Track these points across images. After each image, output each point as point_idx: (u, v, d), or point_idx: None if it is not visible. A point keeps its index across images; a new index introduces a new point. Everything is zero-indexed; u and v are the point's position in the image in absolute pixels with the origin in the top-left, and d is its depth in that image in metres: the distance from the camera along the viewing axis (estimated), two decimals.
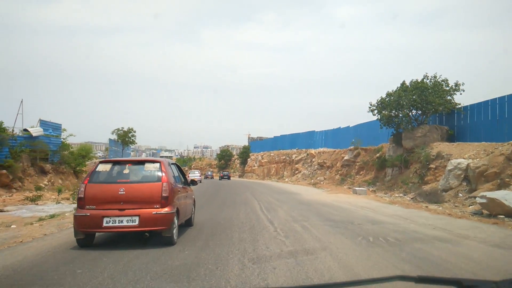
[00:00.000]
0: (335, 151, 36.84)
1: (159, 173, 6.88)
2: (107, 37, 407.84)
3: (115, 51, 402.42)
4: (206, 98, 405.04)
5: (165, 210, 6.61)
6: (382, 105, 23.36)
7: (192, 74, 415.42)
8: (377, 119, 24.42)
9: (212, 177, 61.10)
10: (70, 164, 25.19)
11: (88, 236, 6.71)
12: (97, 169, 6.92)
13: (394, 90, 23.19)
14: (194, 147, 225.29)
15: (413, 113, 22.89)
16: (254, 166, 62.25)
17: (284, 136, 59.50)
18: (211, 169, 77.74)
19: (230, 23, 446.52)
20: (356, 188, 22.02)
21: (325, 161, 37.37)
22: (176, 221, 6.96)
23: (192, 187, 9.53)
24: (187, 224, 8.82)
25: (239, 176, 67.46)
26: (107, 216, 6.42)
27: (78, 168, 26.17)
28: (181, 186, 7.93)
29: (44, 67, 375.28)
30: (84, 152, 28.15)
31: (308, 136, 49.69)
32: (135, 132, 41.59)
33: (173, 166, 7.95)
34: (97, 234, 7.07)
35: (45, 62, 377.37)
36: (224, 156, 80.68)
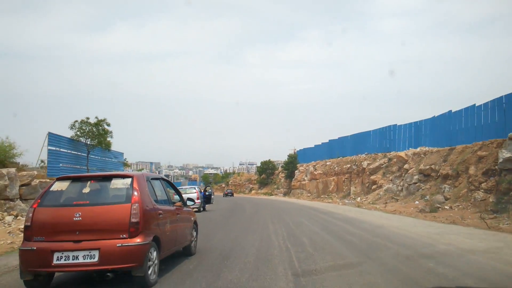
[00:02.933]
0: (456, 148, 20.44)
1: (130, 192, 5.37)
2: (155, 63, 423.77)
3: (163, 75, 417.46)
4: (251, 116, 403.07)
5: (136, 241, 5.08)
6: None
7: (237, 93, 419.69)
8: None
9: (232, 195, 57.17)
10: None
11: (40, 277, 5.15)
12: (51, 188, 5.52)
13: None
14: (240, 164, 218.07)
15: None
16: (304, 180, 46.53)
17: (344, 139, 43.30)
18: (230, 188, 68.83)
19: (273, 42, 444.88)
20: None
21: (433, 166, 21.03)
22: (153, 255, 5.42)
23: None
24: (186, 253, 7.39)
25: (285, 194, 51.89)
26: (58, 251, 4.99)
27: None
28: (168, 207, 6.42)
29: (100, 93, 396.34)
30: None
31: (383, 134, 33.44)
32: (109, 125, 22.77)
33: (156, 182, 6.39)
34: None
35: (100, 88, 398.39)
36: (266, 170, 65.65)
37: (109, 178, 5.69)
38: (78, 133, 21.53)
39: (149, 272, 5.25)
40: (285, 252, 7.66)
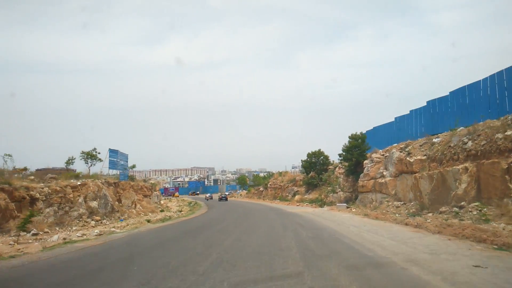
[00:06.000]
0: None
1: None
2: (208, 71, 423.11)
3: (215, 82, 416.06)
4: (303, 119, 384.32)
5: None
6: None
7: (288, 97, 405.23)
8: None
9: (226, 199, 60.60)
10: None
11: None
12: None
13: None
14: (292, 168, 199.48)
15: None
16: (383, 176, 25.74)
17: (457, 94, 22.14)
18: (270, 192, 56.16)
19: (324, 43, 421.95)
20: None
21: None
22: None
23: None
24: None
25: (347, 202, 31.26)
26: None
27: None
28: None
29: (156, 102, 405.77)
30: None
31: None
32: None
33: None
34: None
35: (156, 97, 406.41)
36: (314, 165, 45.34)
37: None
38: None
39: None
40: None
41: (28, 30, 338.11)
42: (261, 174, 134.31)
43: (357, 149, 30.81)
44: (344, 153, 31.85)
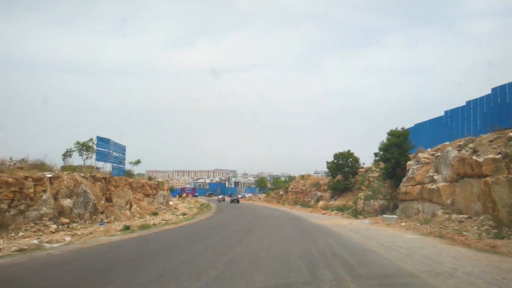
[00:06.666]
0: None
1: None
2: (234, 75, 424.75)
3: (242, 86, 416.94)
4: (328, 124, 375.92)
5: None
6: None
7: (314, 103, 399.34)
8: None
9: (238, 201, 59.67)
10: None
11: None
12: None
13: None
14: (314, 173, 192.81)
15: None
16: (435, 180, 20.10)
17: None
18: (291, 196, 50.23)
19: (351, 49, 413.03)
20: None
21: None
22: None
23: None
24: None
25: (384, 211, 25.63)
26: None
27: None
28: None
29: (185, 106, 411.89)
30: None
31: None
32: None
33: None
34: None
35: (185, 101, 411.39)
36: (342, 167, 39.80)
37: None
38: None
39: None
40: None
41: (65, 31, 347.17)
42: (282, 178, 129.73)
43: (398, 148, 25.22)
44: (381, 152, 26.27)
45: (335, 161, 40.66)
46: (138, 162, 37.63)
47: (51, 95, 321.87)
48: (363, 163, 40.01)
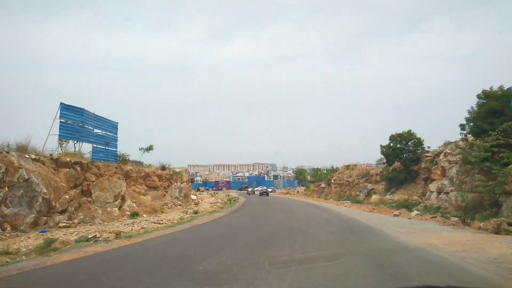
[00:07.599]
0: None
1: None
2: (274, 67, 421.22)
3: (284, 78, 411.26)
4: (370, 115, 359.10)
5: None
6: None
7: (358, 93, 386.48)
8: None
9: (267, 194, 57.76)
10: None
11: None
12: None
13: None
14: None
15: None
16: None
17: None
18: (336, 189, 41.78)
19: (393, 36, 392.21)
20: None
21: None
22: None
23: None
24: None
25: (474, 209, 17.31)
26: None
27: None
28: None
29: (225, 98, 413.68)
30: None
31: None
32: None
33: None
34: None
35: (224, 93, 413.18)
36: (400, 152, 31.52)
37: None
38: None
39: None
40: None
41: (107, 32, 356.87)
42: (324, 170, 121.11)
43: (497, 116, 16.87)
44: (470, 123, 17.95)
45: (392, 144, 32.32)
46: (150, 148, 31.34)
47: (95, 92, 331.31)
48: (428, 147, 31.44)
